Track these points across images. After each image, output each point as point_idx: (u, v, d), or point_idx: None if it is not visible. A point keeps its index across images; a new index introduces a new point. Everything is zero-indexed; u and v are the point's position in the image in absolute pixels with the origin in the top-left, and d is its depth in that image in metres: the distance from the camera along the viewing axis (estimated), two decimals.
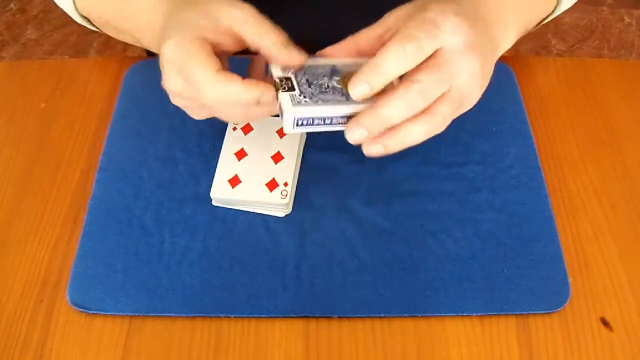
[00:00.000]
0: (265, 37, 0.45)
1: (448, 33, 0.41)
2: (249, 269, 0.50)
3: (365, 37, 0.46)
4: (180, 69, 0.44)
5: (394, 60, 0.40)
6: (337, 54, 0.46)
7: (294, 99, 0.43)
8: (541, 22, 0.59)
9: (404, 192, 0.54)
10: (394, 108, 0.41)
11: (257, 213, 0.53)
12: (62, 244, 0.52)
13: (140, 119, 0.59)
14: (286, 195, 0.52)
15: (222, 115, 0.47)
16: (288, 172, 0.53)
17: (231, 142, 0.55)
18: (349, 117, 0.43)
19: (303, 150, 0.56)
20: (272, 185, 0.52)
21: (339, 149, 0.57)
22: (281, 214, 0.53)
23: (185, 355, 0.46)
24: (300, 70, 0.45)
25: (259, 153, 0.54)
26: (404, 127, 0.42)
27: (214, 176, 0.53)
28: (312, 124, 0.44)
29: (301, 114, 0.43)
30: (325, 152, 0.57)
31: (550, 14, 0.59)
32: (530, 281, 0.49)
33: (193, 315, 0.48)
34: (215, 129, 0.58)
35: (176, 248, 0.51)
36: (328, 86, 0.45)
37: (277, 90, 0.44)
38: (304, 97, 0.43)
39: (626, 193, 0.55)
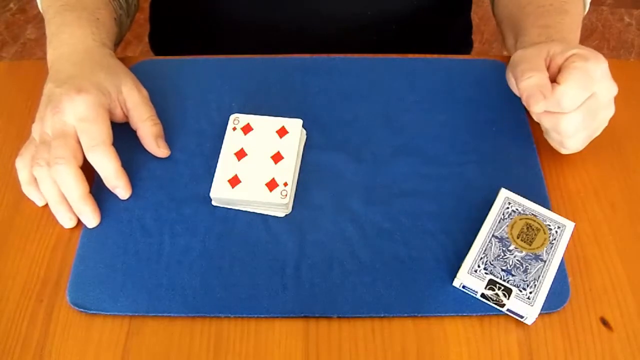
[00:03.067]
0: (143, 124, 0.55)
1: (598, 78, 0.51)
2: (249, 269, 0.50)
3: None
4: (85, 119, 0.51)
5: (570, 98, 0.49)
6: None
7: (522, 299, 0.47)
8: None
9: (404, 192, 0.54)
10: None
11: (257, 213, 0.53)
12: (62, 244, 0.52)
13: None
14: (286, 195, 0.52)
15: (47, 188, 0.52)
16: (288, 172, 0.53)
17: (231, 142, 0.55)
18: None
19: (303, 150, 0.56)
20: (272, 185, 0.52)
21: (338, 149, 0.57)
22: (281, 214, 0.53)
23: (185, 355, 0.46)
24: (485, 268, 0.48)
25: (259, 153, 0.54)
26: None
27: (214, 175, 0.53)
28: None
29: (542, 302, 0.47)
30: (325, 152, 0.57)
31: None
32: None
33: (193, 315, 0.48)
34: (215, 129, 0.58)
35: (176, 248, 0.51)
36: (519, 261, 0.48)
37: (499, 304, 0.47)
38: (523, 288, 0.47)
39: (626, 193, 0.55)
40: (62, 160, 0.50)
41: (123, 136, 0.55)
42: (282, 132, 0.55)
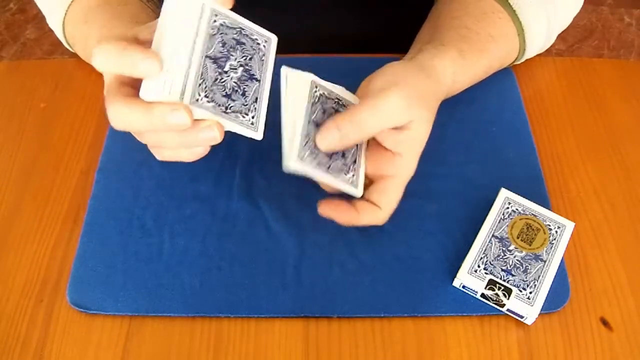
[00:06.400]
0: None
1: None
2: (249, 269, 0.50)
3: None
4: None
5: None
6: None
7: (522, 299, 0.47)
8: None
9: (405, 191, 0.54)
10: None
11: (257, 213, 0.53)
12: (62, 244, 0.52)
13: None
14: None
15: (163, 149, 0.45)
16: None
17: None
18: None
19: None
20: None
21: None
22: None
23: (185, 355, 0.46)
24: (485, 268, 0.48)
25: None
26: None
27: (214, 175, 0.53)
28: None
29: (542, 302, 0.47)
30: None
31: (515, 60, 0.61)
32: None
33: (193, 315, 0.48)
34: None
35: (176, 248, 0.51)
36: (519, 261, 0.49)
37: (499, 304, 0.47)
38: (523, 288, 0.47)
39: (626, 193, 0.55)
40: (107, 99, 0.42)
41: (123, 136, 0.55)
42: None
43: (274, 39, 0.46)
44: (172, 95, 0.40)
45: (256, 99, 0.44)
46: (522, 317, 0.47)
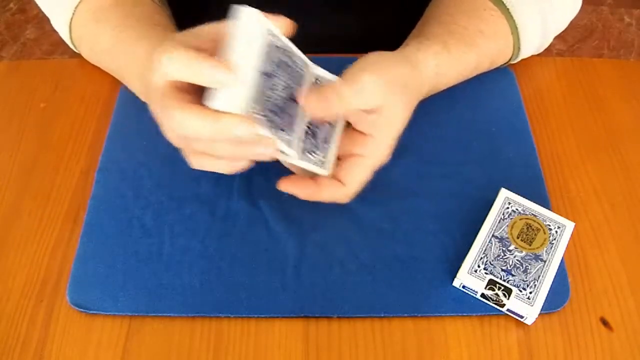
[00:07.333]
0: None
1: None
2: (249, 269, 0.50)
3: None
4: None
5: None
6: None
7: (522, 299, 0.47)
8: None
9: (404, 191, 0.54)
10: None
11: (257, 213, 0.53)
12: (62, 244, 0.52)
13: (140, 118, 0.58)
14: None
15: (212, 157, 0.45)
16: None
17: None
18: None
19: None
20: None
21: None
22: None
23: (185, 355, 0.46)
24: (485, 268, 0.48)
25: None
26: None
27: (214, 175, 0.53)
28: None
29: (542, 302, 0.47)
30: None
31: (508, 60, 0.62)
32: None
33: (193, 315, 0.48)
34: None
35: (176, 248, 0.51)
36: (519, 261, 0.49)
37: (499, 304, 0.47)
38: (523, 288, 0.47)
39: (626, 193, 0.55)
40: (171, 111, 0.41)
41: (123, 136, 0.55)
42: None
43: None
44: (240, 108, 0.40)
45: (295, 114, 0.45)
46: (522, 317, 0.47)
